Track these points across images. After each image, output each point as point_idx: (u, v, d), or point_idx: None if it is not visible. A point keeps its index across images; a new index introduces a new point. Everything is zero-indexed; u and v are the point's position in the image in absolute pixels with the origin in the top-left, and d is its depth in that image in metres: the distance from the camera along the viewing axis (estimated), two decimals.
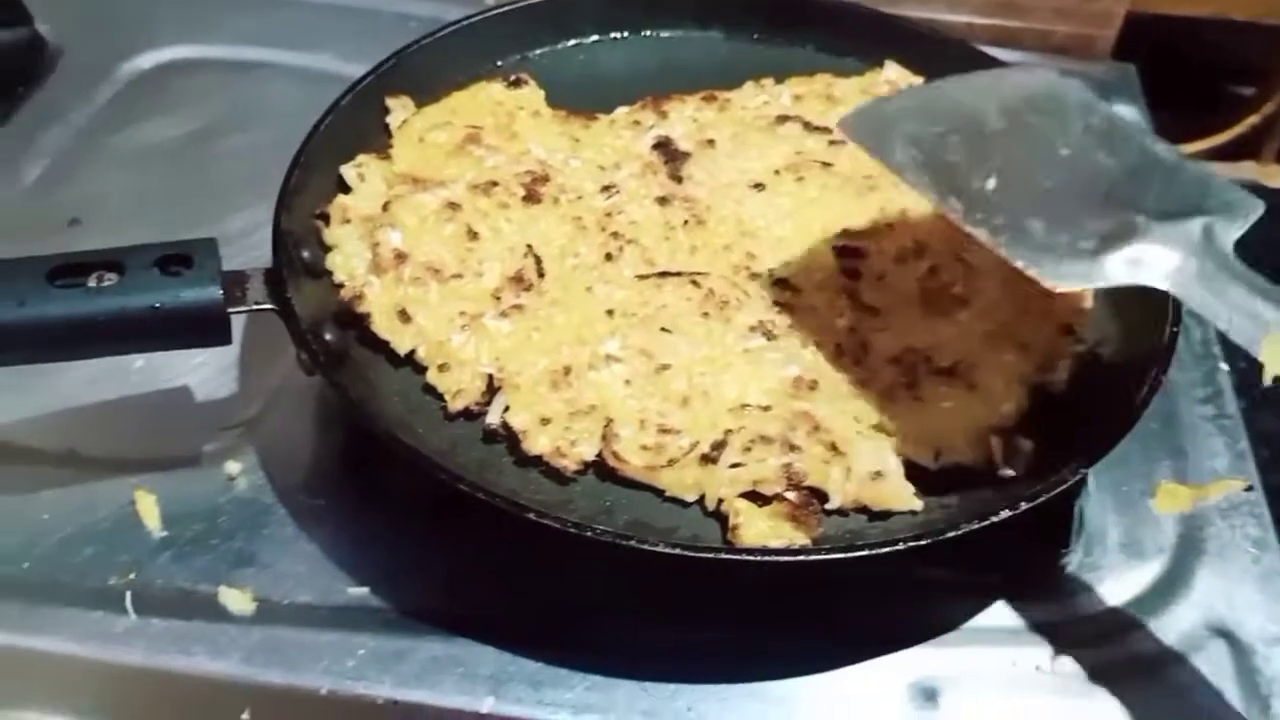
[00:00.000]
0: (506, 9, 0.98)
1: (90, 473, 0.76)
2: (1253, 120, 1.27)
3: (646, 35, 1.03)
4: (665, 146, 0.91)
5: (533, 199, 0.85)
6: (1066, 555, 0.76)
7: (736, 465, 0.71)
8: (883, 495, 0.71)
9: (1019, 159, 0.74)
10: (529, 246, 0.82)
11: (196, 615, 0.69)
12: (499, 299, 0.79)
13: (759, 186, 0.88)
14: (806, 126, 0.93)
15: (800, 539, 0.69)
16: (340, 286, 0.79)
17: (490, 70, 0.96)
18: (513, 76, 0.95)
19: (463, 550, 0.73)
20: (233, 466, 0.77)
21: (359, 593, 0.71)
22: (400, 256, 0.80)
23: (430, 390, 0.76)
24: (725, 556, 0.68)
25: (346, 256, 0.81)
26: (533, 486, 0.72)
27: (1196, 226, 0.67)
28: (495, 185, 0.85)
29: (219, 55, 1.09)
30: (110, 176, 0.96)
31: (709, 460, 0.71)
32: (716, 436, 0.72)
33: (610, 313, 0.79)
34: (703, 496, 0.71)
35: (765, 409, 0.74)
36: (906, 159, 0.74)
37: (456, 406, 0.75)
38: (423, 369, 0.77)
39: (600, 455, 0.72)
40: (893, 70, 0.99)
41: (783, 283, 0.82)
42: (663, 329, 0.78)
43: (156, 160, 0.98)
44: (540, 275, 0.81)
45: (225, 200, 0.92)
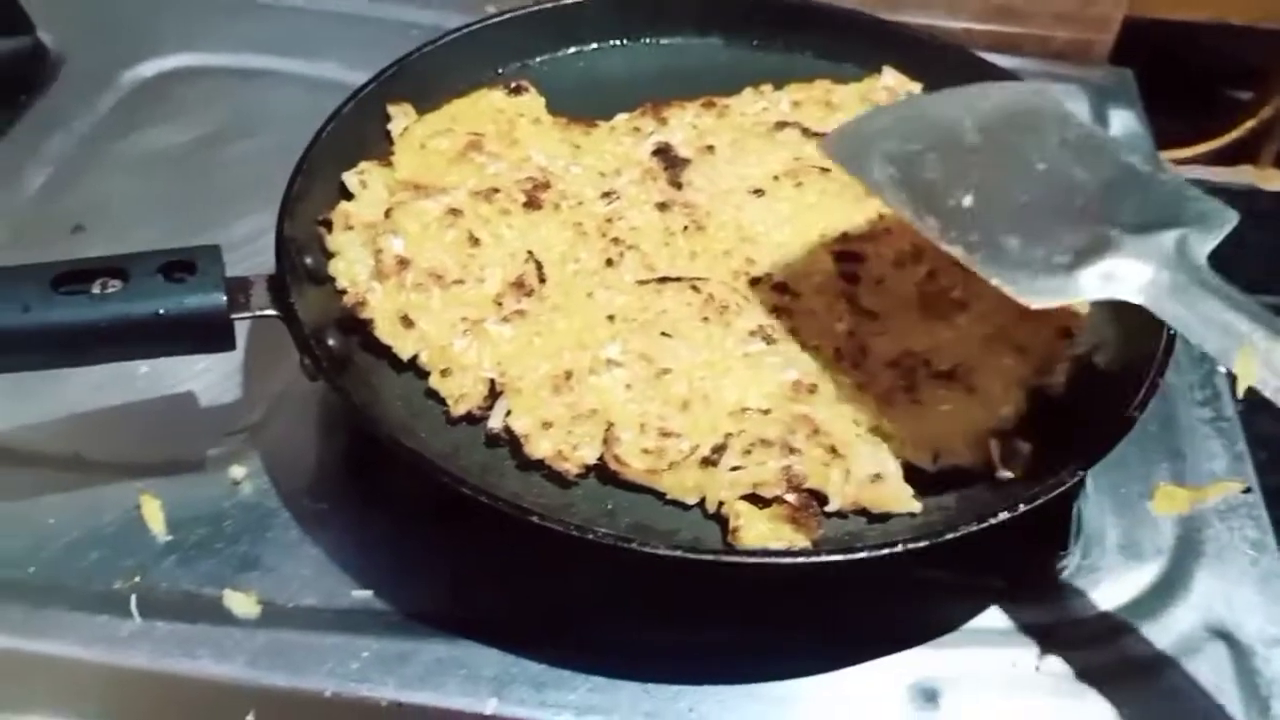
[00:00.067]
0: (507, 17, 0.99)
1: (95, 477, 0.76)
2: (1250, 124, 1.27)
3: (646, 42, 1.03)
4: (665, 153, 0.91)
5: (534, 205, 0.86)
6: (1065, 557, 0.77)
7: (737, 468, 0.71)
8: (882, 497, 0.71)
9: (995, 175, 0.74)
10: (530, 252, 0.83)
11: (201, 619, 0.70)
12: (500, 304, 0.80)
13: (758, 192, 0.88)
14: (805, 132, 0.93)
15: (800, 541, 0.69)
16: (343, 292, 0.80)
17: (491, 77, 0.97)
18: (513, 84, 0.96)
19: (466, 553, 0.73)
20: (237, 471, 0.77)
21: (363, 596, 0.72)
22: (402, 263, 0.80)
23: (433, 395, 0.76)
24: (726, 559, 0.68)
25: (349, 263, 0.81)
26: (535, 490, 0.72)
27: (1170, 239, 0.67)
28: (496, 192, 0.86)
29: (221, 63, 1.09)
30: (114, 184, 0.97)
31: (709, 463, 0.72)
32: (717, 440, 0.73)
33: (611, 318, 0.79)
34: (703, 499, 0.72)
35: (765, 412, 0.74)
36: (884, 177, 0.74)
37: (459, 411, 0.75)
38: (425, 374, 0.77)
39: (601, 459, 0.72)
40: (891, 76, 0.99)
41: (782, 287, 0.82)
42: (663, 334, 0.78)
43: (160, 167, 0.99)
44: (541, 281, 0.81)
45: (228, 207, 0.92)
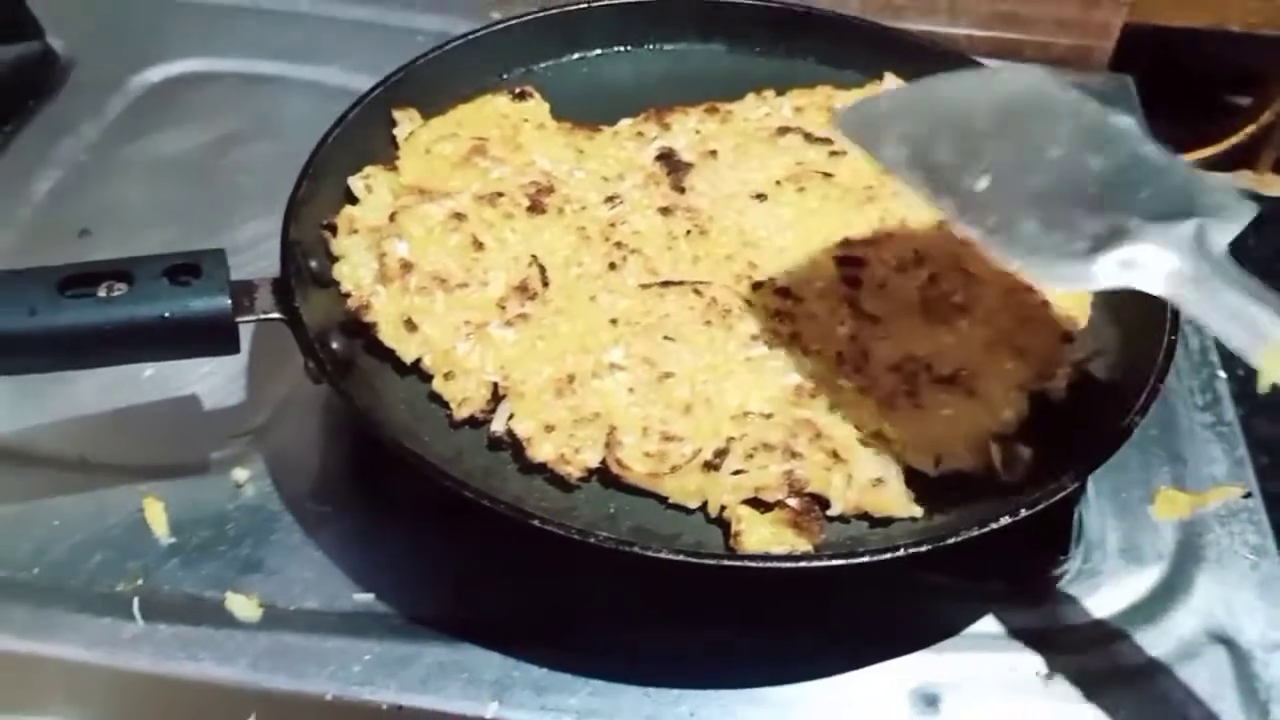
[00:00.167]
0: (512, 23, 0.99)
1: (99, 480, 0.76)
2: (1250, 130, 1.27)
3: (650, 48, 1.03)
4: (668, 158, 0.91)
5: (537, 209, 0.86)
6: (1066, 562, 0.77)
7: (739, 472, 0.72)
8: (884, 502, 0.72)
9: (1009, 159, 0.72)
10: (534, 256, 0.83)
11: (204, 621, 0.70)
12: (504, 308, 0.80)
13: (761, 197, 0.89)
14: (807, 138, 0.94)
15: (802, 545, 0.69)
16: (347, 296, 0.80)
17: (496, 83, 0.97)
18: (518, 89, 0.96)
19: (468, 556, 0.73)
20: (240, 474, 0.77)
21: (365, 599, 0.72)
22: (406, 266, 0.80)
23: (436, 398, 0.76)
24: (728, 563, 0.68)
25: (353, 266, 0.81)
26: (537, 493, 0.72)
27: (1189, 229, 0.65)
28: (500, 196, 0.86)
29: (228, 68, 1.10)
30: (121, 188, 0.97)
31: (711, 467, 0.72)
32: (719, 444, 0.73)
33: (614, 321, 0.80)
34: (705, 503, 0.72)
35: (767, 416, 0.74)
36: (898, 157, 0.73)
37: (462, 414, 0.75)
38: (428, 377, 0.77)
39: (604, 462, 0.73)
40: (892, 83, 0.99)
41: (784, 291, 0.82)
42: (665, 337, 0.79)
43: (166, 172, 0.99)
44: (545, 285, 0.82)
45: (234, 211, 0.93)
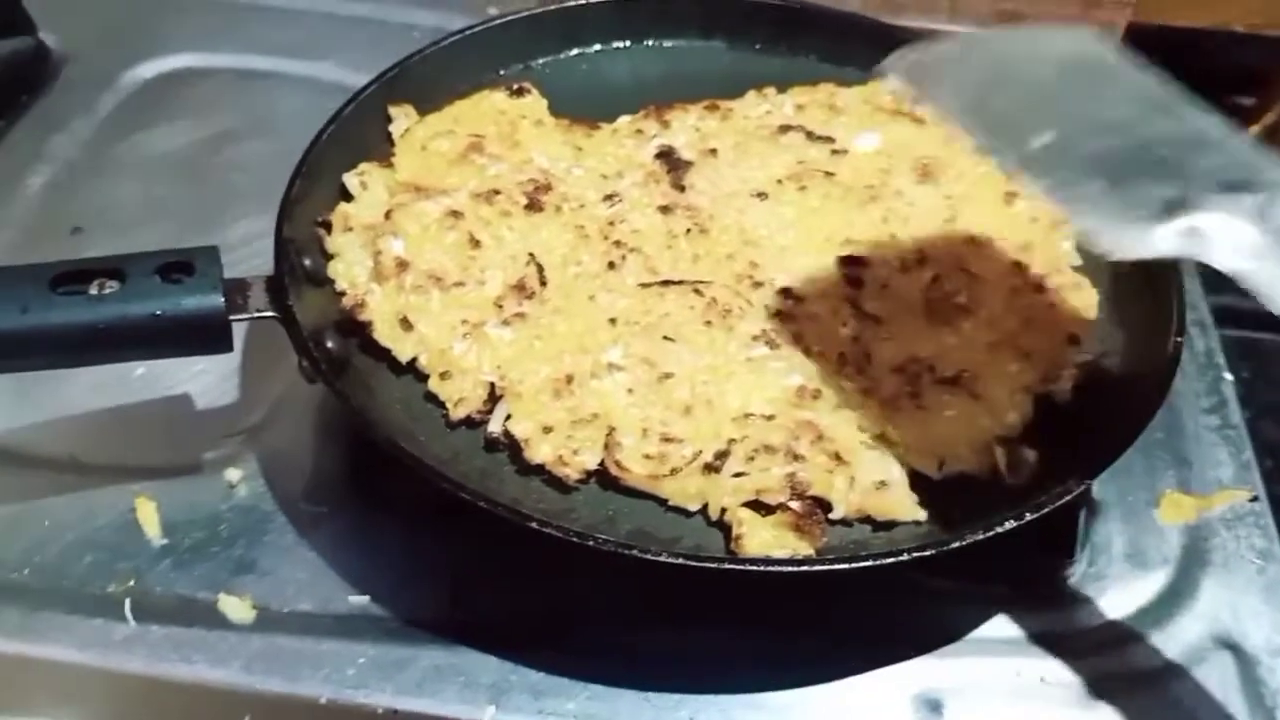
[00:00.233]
0: (509, 19, 0.98)
1: (91, 480, 0.76)
2: (1253, 130, 1.26)
3: (649, 45, 1.03)
4: (668, 155, 0.91)
5: (535, 207, 0.85)
6: (1071, 566, 0.76)
7: (740, 474, 0.71)
8: (887, 505, 0.71)
9: (1072, 117, 0.69)
10: (531, 255, 0.82)
11: (196, 623, 0.69)
12: (501, 307, 0.79)
13: (761, 195, 0.88)
14: (809, 136, 0.93)
15: (804, 549, 0.69)
16: (342, 294, 0.79)
17: (493, 79, 0.97)
18: (515, 85, 0.95)
19: (464, 559, 0.73)
20: (233, 474, 0.76)
21: (360, 601, 0.71)
22: (402, 264, 0.80)
23: (432, 398, 0.76)
24: (729, 567, 0.67)
25: (348, 264, 0.81)
26: (535, 495, 0.71)
27: (1256, 201, 0.62)
28: (498, 194, 0.85)
29: (222, 64, 1.09)
30: (113, 185, 0.97)
31: (712, 469, 0.71)
32: (720, 446, 0.72)
33: (613, 321, 0.79)
34: (706, 506, 0.71)
35: (768, 418, 0.74)
36: (954, 103, 0.71)
37: (458, 415, 0.74)
38: (424, 377, 0.76)
39: (602, 464, 0.72)
40: (895, 80, 0.98)
41: (785, 292, 0.81)
42: (665, 338, 0.78)
43: (159, 169, 0.98)
44: (542, 283, 0.81)
45: (227, 208, 0.92)
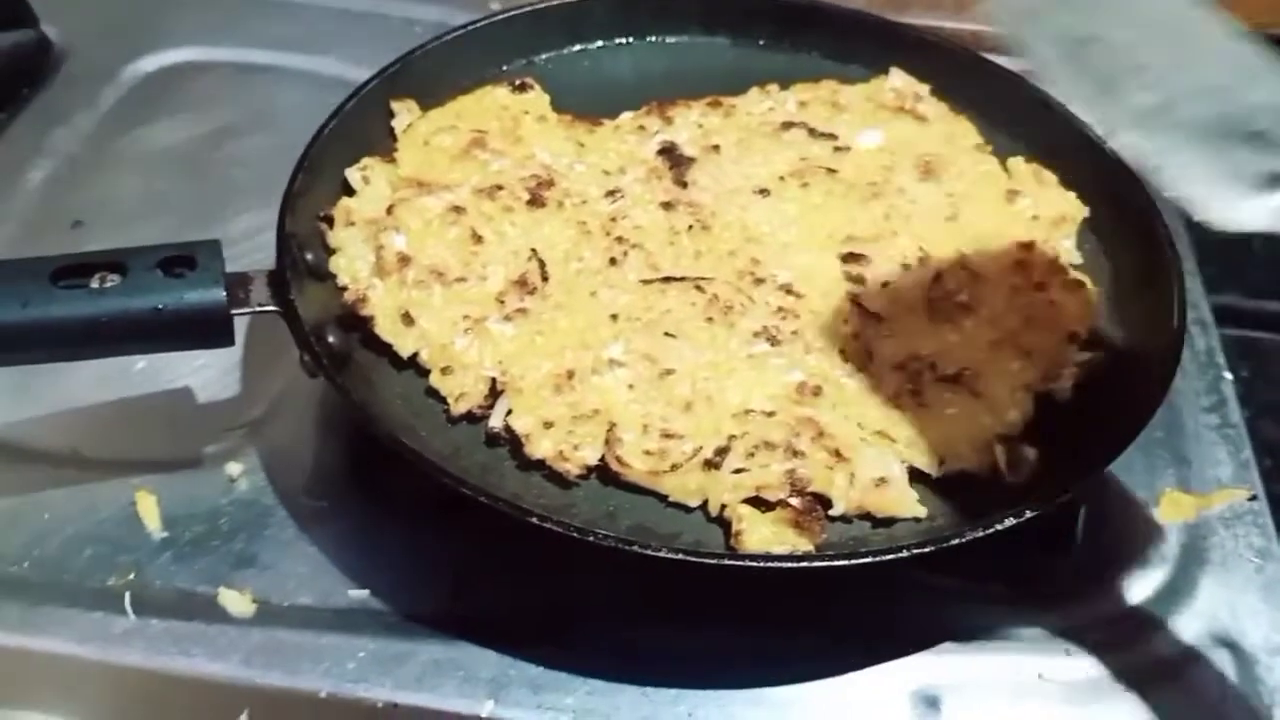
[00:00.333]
0: (512, 14, 0.98)
1: (91, 473, 0.76)
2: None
3: (652, 41, 1.03)
4: (670, 152, 0.90)
5: (537, 203, 0.85)
6: (1069, 564, 0.76)
7: (740, 471, 0.71)
8: (887, 502, 0.71)
9: (1172, 80, 0.66)
10: (533, 250, 0.82)
11: (196, 617, 0.69)
12: (503, 303, 0.79)
13: (764, 192, 0.88)
14: (811, 133, 0.93)
15: (804, 545, 0.69)
16: (344, 289, 0.79)
17: (496, 74, 0.96)
18: (518, 81, 0.95)
19: (464, 554, 0.73)
20: (234, 468, 0.76)
21: (360, 595, 0.71)
22: (404, 259, 0.80)
23: (433, 393, 0.76)
24: (729, 563, 0.67)
25: (350, 259, 0.81)
26: (535, 490, 0.71)
27: None
28: (500, 189, 0.85)
29: (224, 58, 1.09)
30: (114, 179, 0.96)
31: (712, 465, 0.71)
32: (720, 442, 0.72)
33: (614, 317, 0.79)
34: (706, 502, 0.71)
35: (769, 414, 0.74)
36: (1053, 53, 0.68)
37: (459, 410, 0.74)
38: (426, 372, 0.76)
39: (603, 460, 0.72)
40: (898, 78, 0.99)
41: (787, 288, 0.81)
42: (666, 334, 0.78)
43: (161, 163, 0.98)
44: (544, 279, 0.81)
45: (229, 202, 0.92)
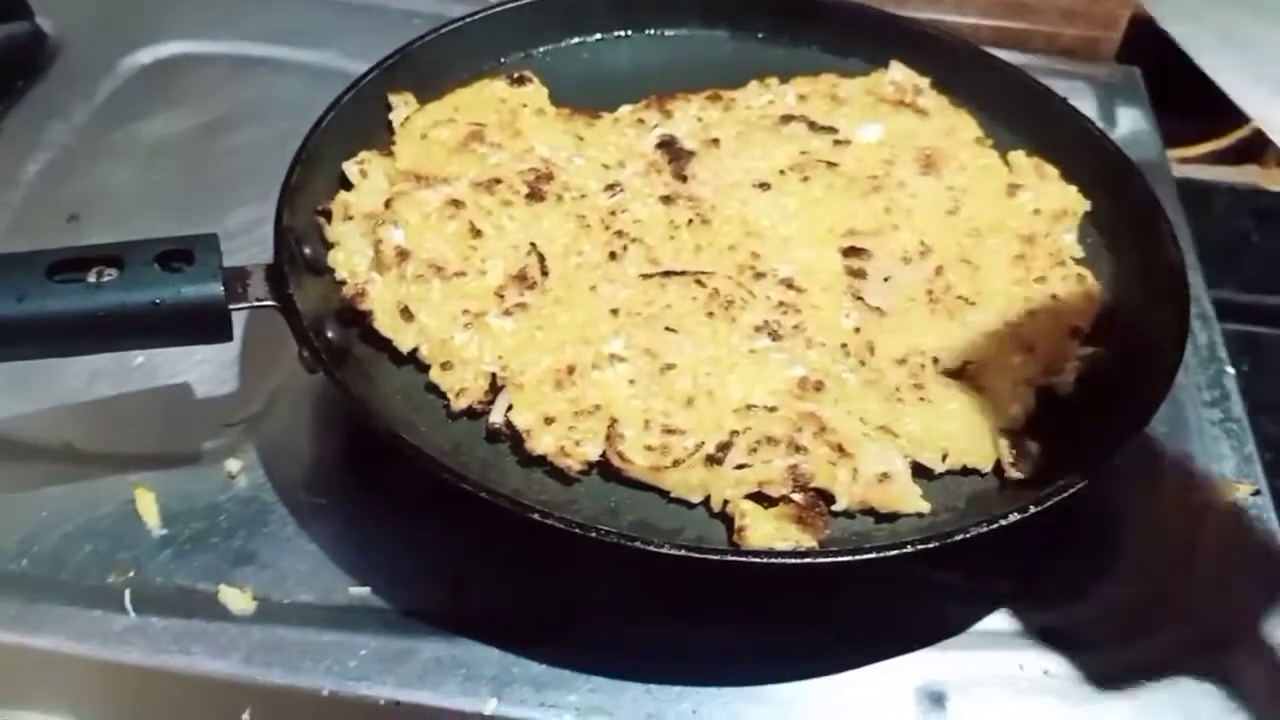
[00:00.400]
0: (510, 6, 0.97)
1: (90, 470, 0.75)
2: (1256, 124, 1.26)
3: (651, 33, 1.02)
4: (670, 145, 0.90)
5: (536, 197, 0.85)
6: (1073, 559, 0.76)
7: (742, 466, 0.71)
8: (890, 497, 0.71)
9: None
10: (532, 245, 0.82)
11: (196, 614, 0.69)
12: (502, 297, 0.78)
13: (764, 186, 0.87)
14: (811, 126, 0.92)
15: (806, 541, 0.68)
16: (342, 284, 0.78)
17: (494, 67, 0.96)
18: (516, 74, 0.94)
19: (465, 550, 0.72)
20: (233, 464, 0.76)
21: (361, 592, 0.71)
22: (402, 254, 0.79)
23: (433, 389, 0.75)
24: (731, 559, 0.67)
25: (348, 253, 0.80)
26: (537, 486, 0.71)
27: None
28: (498, 183, 0.85)
29: (221, 51, 1.08)
30: (110, 172, 0.96)
31: (714, 461, 0.71)
32: (722, 437, 0.72)
33: (614, 312, 0.78)
34: (708, 498, 0.71)
35: (771, 410, 0.73)
36: (1202, 39, 0.68)
37: (459, 405, 0.74)
38: (425, 367, 0.76)
39: (604, 455, 0.71)
40: (898, 71, 0.98)
41: (788, 282, 0.81)
42: (667, 328, 0.77)
43: (157, 156, 0.97)
44: (544, 274, 0.80)
45: (227, 196, 0.92)
